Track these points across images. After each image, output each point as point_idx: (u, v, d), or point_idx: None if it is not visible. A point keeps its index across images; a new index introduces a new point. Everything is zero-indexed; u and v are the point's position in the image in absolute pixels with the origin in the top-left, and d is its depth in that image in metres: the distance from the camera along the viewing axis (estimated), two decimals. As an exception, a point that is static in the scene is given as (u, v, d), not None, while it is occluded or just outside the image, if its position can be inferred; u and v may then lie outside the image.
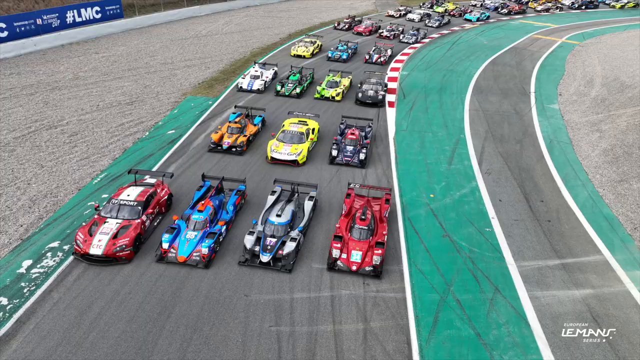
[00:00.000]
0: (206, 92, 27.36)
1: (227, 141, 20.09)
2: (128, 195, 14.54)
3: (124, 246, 13.08)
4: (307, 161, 19.77)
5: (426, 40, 43.28)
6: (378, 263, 13.17)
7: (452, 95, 29.05)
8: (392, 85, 29.56)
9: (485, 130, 23.86)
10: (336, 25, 46.13)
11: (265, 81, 28.16)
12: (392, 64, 35.05)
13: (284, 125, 21.38)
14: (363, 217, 14.31)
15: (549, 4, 64.18)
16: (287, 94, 27.18)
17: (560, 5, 65.71)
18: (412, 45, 40.79)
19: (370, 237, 14.04)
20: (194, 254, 13.31)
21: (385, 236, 14.13)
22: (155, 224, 14.90)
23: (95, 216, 14.06)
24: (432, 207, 16.88)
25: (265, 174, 18.70)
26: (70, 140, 20.48)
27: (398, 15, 53.74)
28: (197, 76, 29.95)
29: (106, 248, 12.94)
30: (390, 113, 25.74)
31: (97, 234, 13.24)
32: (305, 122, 21.70)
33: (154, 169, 18.43)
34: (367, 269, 13.26)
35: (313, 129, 21.34)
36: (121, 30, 39.23)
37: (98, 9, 37.77)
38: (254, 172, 18.79)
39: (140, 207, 14.24)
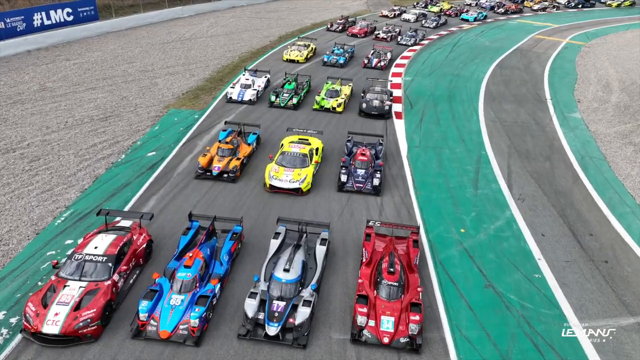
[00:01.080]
0: (191, 104, 24.31)
1: (217, 166, 17.13)
2: (96, 248, 11.51)
3: (89, 320, 10.07)
4: (312, 187, 16.91)
5: (425, 42, 40.74)
6: (415, 333, 10.39)
7: (463, 103, 26.46)
8: (396, 92, 26.92)
9: (507, 145, 21.28)
10: (329, 26, 43.34)
11: (258, 90, 25.22)
12: (393, 69, 32.42)
13: (282, 145, 18.51)
14: (392, 269, 11.52)
15: (546, 3, 62.25)
16: (282, 105, 24.27)
17: (556, 4, 63.84)
18: (411, 48, 38.21)
19: (402, 295, 11.26)
20: (181, 327, 10.37)
21: (421, 293, 11.36)
22: (131, 281, 11.90)
23: (53, 278, 11.01)
24: (465, 246, 14.17)
25: (264, 205, 15.79)
26: (31, 167, 17.31)
27: (392, 15, 51.14)
28: (180, 85, 26.87)
29: (65, 324, 9.91)
30: (399, 125, 23.03)
31: (54, 305, 10.21)
32: (307, 140, 18.85)
33: (131, 204, 15.38)
34: (402, 340, 10.46)
35: (317, 149, 18.49)
36: (96, 34, 35.85)
37: (70, 10, 34.36)
38: (251, 204, 15.86)
39: (111, 264, 11.23)
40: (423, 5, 57.83)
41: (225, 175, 17.12)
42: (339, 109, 24.20)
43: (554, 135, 22.64)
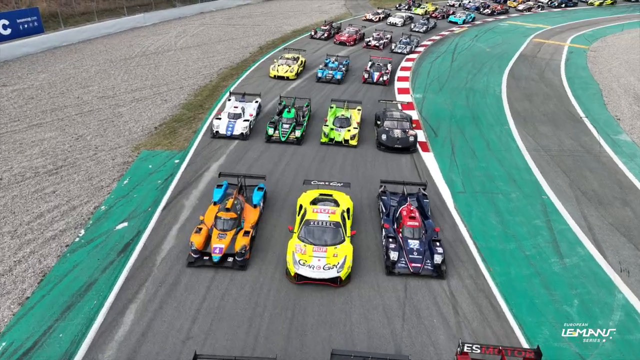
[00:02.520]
0: (168, 142, 19.23)
1: (218, 247, 12.30)
2: None
3: None
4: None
5: (420, 48, 36.81)
6: None
7: (492, 127, 22.50)
8: (409, 114, 22.71)
9: (567, 185, 17.39)
10: (313, 33, 38.70)
11: (250, 121, 20.38)
12: (397, 83, 28.31)
13: (302, 206, 13.84)
14: None
15: (530, 3, 59.83)
16: (283, 139, 19.55)
17: (540, 3, 61.60)
18: (407, 57, 34.17)
19: None
20: None
21: None
22: None
23: None
24: (592, 365, 9.99)
25: (293, 311, 11.07)
26: (-55, 261, 11.97)
27: (377, 19, 47.03)
28: (151, 115, 21.67)
29: None
30: (430, 161, 18.79)
31: None
32: (332, 196, 14.31)
33: (98, 323, 10.36)
34: None
35: (348, 210, 13.94)
36: (41, 50, 29.89)
37: (6, 22, 28.31)
38: (274, 309, 11.10)
39: None
40: (406, 8, 54.08)
41: (231, 259, 12.32)
42: (353, 142, 19.72)
43: (614, 167, 18.94)
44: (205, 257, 12.29)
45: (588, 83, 29.99)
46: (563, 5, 61.47)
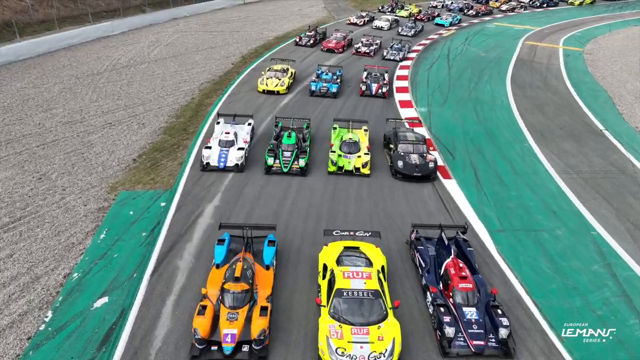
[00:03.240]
0: (150, 178, 16.29)
1: (230, 333, 9.59)
2: None
3: None
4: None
5: (412, 54, 34.62)
6: None
7: (510, 145, 20.43)
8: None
9: (614, 216, 15.38)
10: (297, 40, 35.95)
11: (245, 148, 17.63)
12: (396, 95, 26.01)
13: (326, 266, 11.27)
14: None
15: (513, 3, 58.65)
16: (285, 170, 16.90)
17: (522, 3, 60.58)
18: (401, 64, 31.95)
19: None
20: None
21: None
22: None
23: None
24: None
25: (335, 421, 8.50)
26: None
27: (362, 23, 44.64)
28: (127, 144, 18.64)
29: None
30: (454, 191, 16.51)
31: None
32: (358, 249, 11.84)
33: None
34: None
35: (382, 268, 11.44)
36: (-6, 66, 26.32)
37: (-48, 36, 24.66)
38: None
39: None
40: (389, 10, 51.94)
41: (246, 347, 9.62)
42: (365, 171, 17.25)
43: (656, 190, 17.10)
44: (213, 348, 9.54)
45: (595, 90, 28.40)
46: (545, 5, 60.62)
